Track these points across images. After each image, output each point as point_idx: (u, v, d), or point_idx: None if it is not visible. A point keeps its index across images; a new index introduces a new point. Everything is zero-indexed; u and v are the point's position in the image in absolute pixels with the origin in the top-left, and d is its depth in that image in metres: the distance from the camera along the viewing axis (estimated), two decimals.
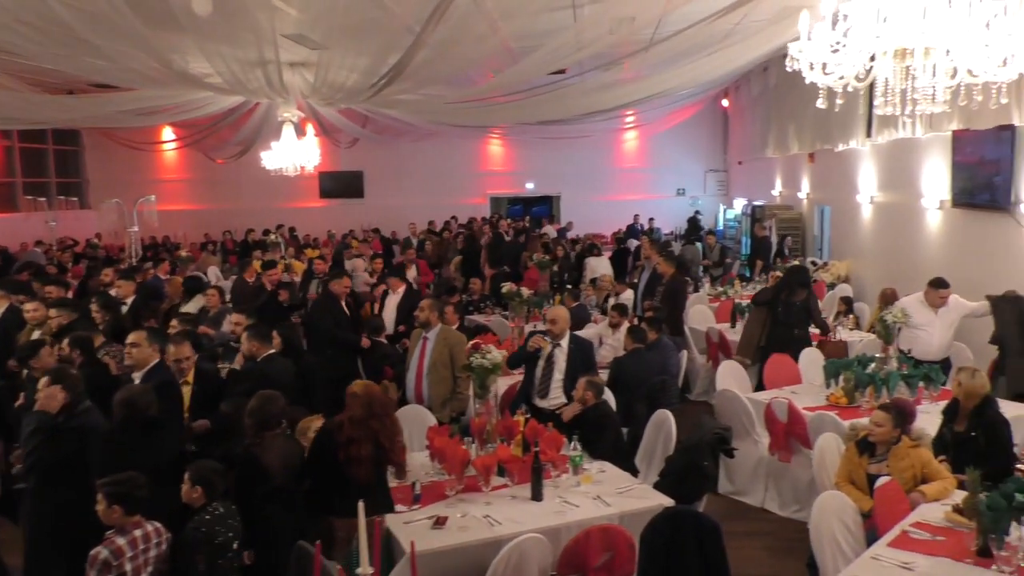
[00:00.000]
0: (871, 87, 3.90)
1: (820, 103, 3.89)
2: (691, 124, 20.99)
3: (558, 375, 6.10)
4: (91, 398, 4.53)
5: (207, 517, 3.62)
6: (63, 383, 4.36)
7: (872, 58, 3.70)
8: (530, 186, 22.51)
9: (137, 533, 3.46)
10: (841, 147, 12.01)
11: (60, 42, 8.44)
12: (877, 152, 11.45)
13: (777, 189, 16.97)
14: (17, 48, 8.91)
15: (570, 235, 18.68)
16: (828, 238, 13.89)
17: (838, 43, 3.69)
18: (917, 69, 3.65)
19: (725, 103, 20.60)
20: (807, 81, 4.00)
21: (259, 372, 5.78)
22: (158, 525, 3.58)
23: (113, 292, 8.99)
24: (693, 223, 20.19)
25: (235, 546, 3.64)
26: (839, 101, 3.82)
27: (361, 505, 2.65)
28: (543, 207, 23.84)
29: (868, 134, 10.99)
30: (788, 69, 4.00)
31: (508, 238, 16.12)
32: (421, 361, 6.30)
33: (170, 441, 4.34)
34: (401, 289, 8.91)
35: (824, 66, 3.85)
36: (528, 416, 5.51)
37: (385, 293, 9.06)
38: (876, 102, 3.83)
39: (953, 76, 3.73)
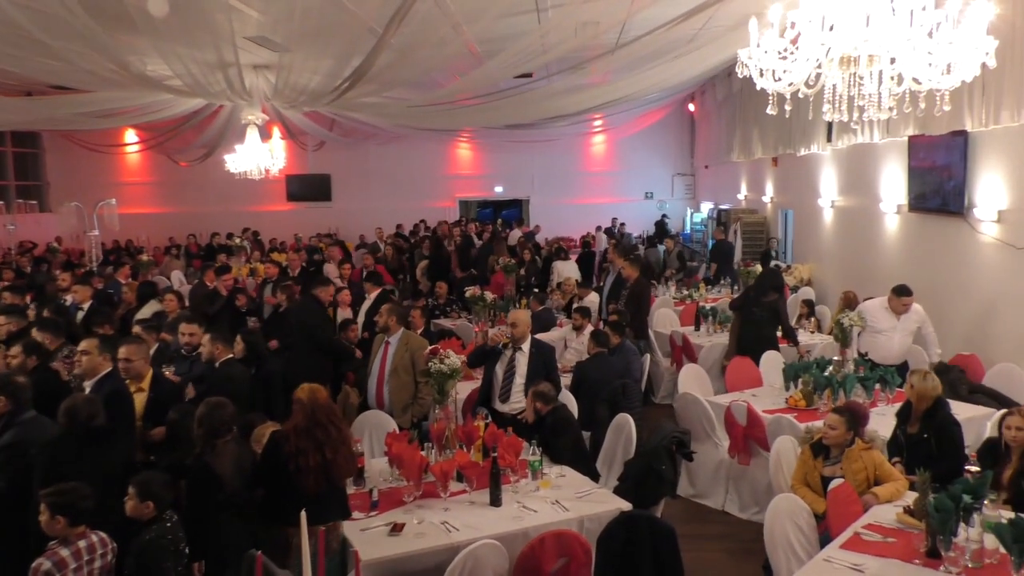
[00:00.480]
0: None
1: (770, 110, 3.93)
2: (658, 128, 21.17)
3: (519, 379, 6.10)
4: (41, 405, 4.43)
5: (167, 525, 3.55)
6: (6, 391, 4.25)
7: (820, 65, 3.75)
8: (499, 189, 22.53)
9: (81, 544, 3.38)
10: (803, 152, 12.17)
11: (12, 43, 8.25)
12: (837, 157, 11.62)
13: (742, 193, 17.15)
14: None
15: (538, 238, 18.67)
16: (791, 241, 14.06)
17: (786, 50, 3.73)
18: (863, 76, 3.70)
19: (691, 107, 20.77)
20: (758, 87, 4.03)
21: (222, 376, 5.72)
22: (104, 535, 3.50)
23: (69, 297, 8.82)
24: (660, 226, 20.37)
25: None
26: (788, 107, 3.86)
27: (303, 515, 2.62)
28: (513, 210, 23.85)
29: (829, 139, 11.15)
30: (739, 75, 4.03)
31: (480, 241, 16.10)
32: (382, 366, 6.26)
33: (118, 451, 4.25)
34: (375, 295, 8.88)
35: (774, 73, 3.89)
36: (488, 421, 5.50)
37: (362, 298, 9.03)
38: (824, 108, 3.88)
39: (899, 83, 3.79)
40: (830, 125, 10.89)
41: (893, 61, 3.66)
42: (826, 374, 6.45)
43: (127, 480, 3.74)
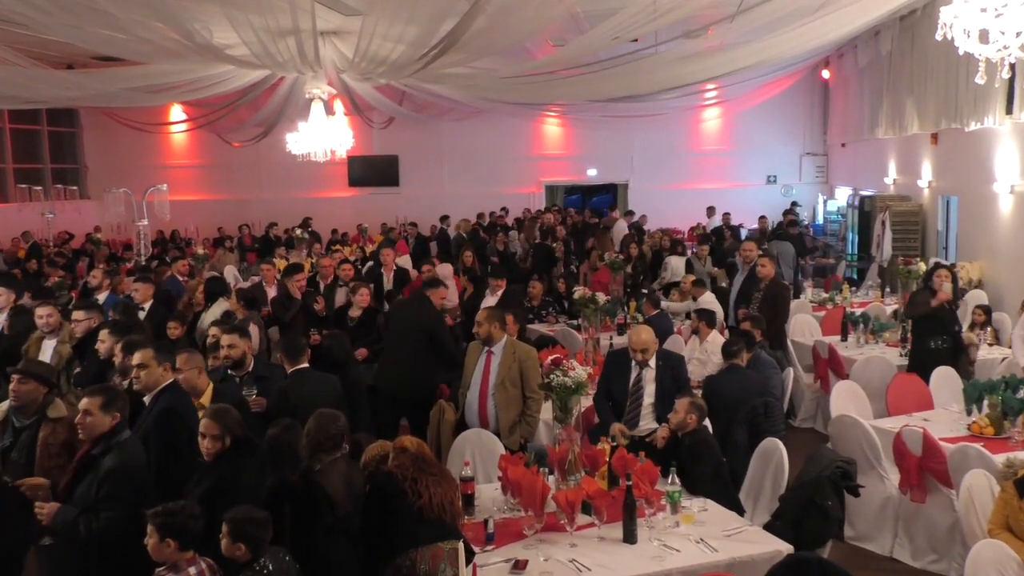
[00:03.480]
0: None
1: (979, 78, 3.85)
2: (784, 99, 20.75)
3: (647, 399, 6.14)
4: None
5: None
6: (113, 406, 4.38)
7: None
8: (592, 172, 22.52)
9: (192, 571, 3.56)
10: (973, 126, 11.78)
11: (72, 11, 8.72)
12: (1021, 132, 11.20)
13: (891, 176, 16.72)
14: (24, 19, 9.22)
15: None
16: (955, 235, 13.66)
17: (1005, 6, 3.65)
18: None
19: (826, 74, 20.33)
20: (960, 52, 3.96)
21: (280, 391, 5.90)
22: (211, 562, 3.67)
23: (101, 296, 9.12)
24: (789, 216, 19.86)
25: None
26: (1005, 75, 3.76)
27: (460, 546, 2.71)
28: (606, 196, 23.79)
29: (1008, 110, 10.78)
30: (938, 38, 3.96)
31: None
32: (485, 379, 6.35)
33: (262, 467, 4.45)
34: (501, 292, 9.29)
35: (983, 33, 3.81)
36: (615, 444, 5.54)
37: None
38: None
39: None
40: (1011, 93, 10.50)
41: None
42: (1020, 396, 6.26)
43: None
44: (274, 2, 9.10)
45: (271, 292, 9.84)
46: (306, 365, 6.11)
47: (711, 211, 19.49)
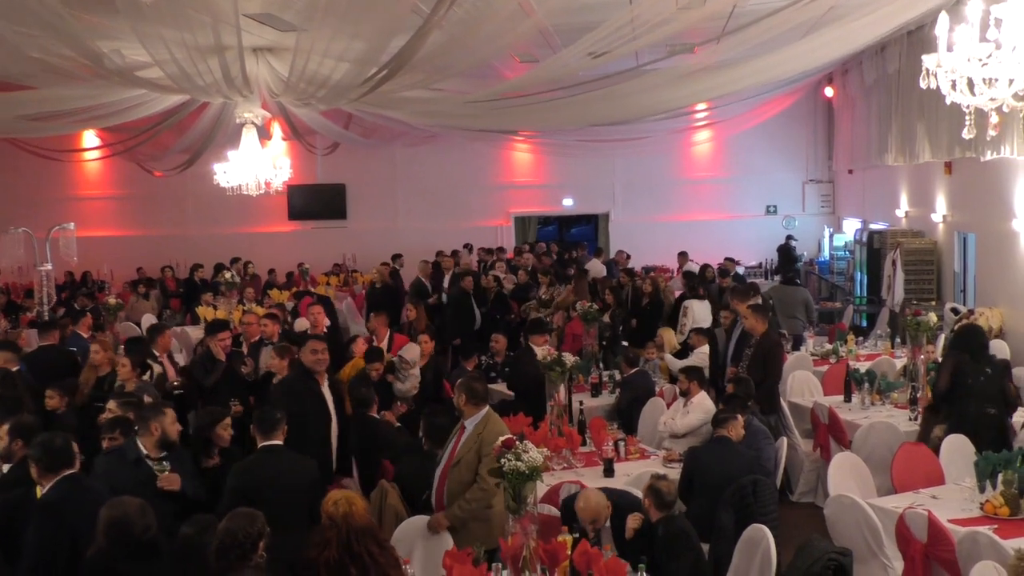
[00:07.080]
0: None
1: (966, 133, 4.00)
2: (784, 120, 21.08)
3: None
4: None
5: None
6: None
7: None
8: (568, 203, 22.71)
9: None
10: (990, 155, 12.01)
11: None
12: None
13: (903, 208, 16.96)
14: None
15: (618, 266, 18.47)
16: (973, 276, 13.85)
17: (990, 56, 3.81)
18: None
19: (829, 92, 20.68)
20: (948, 102, 4.11)
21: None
22: None
23: None
24: (786, 253, 20.06)
25: None
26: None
27: None
28: (585, 227, 23.97)
29: None
30: (922, 86, 4.11)
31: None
32: (451, 456, 6.42)
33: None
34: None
35: (971, 84, 3.96)
36: (577, 535, 5.58)
37: None
38: None
39: None
40: None
41: None
42: None
43: None
44: (191, 15, 9.08)
45: None
46: (279, 442, 6.05)
47: (683, 258, 18.22)
